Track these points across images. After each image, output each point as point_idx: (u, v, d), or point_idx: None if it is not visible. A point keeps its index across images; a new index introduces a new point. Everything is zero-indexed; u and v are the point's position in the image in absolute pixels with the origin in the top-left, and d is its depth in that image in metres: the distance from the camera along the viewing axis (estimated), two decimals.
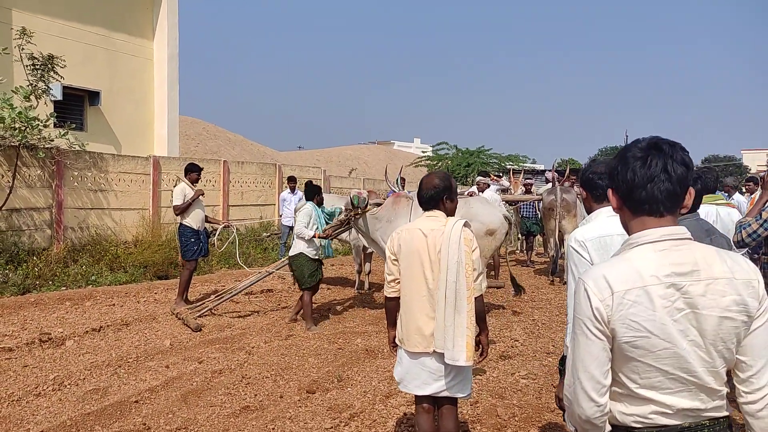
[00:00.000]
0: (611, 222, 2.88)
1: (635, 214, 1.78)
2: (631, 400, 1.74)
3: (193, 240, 8.12)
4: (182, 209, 8.08)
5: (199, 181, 8.66)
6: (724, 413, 1.75)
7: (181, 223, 8.20)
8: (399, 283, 3.39)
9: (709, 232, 3.43)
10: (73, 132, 10.66)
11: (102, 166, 11.28)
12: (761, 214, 4.43)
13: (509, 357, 6.40)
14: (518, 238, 14.83)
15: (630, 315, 1.66)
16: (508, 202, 11.75)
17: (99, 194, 11.22)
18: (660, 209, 1.74)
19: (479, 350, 3.44)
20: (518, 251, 15.42)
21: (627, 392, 1.74)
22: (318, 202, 7.73)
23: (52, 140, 10.11)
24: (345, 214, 7.61)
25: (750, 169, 54.12)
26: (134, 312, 8.04)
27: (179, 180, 8.43)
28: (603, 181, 2.98)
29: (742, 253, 4.77)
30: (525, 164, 30.05)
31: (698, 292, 1.66)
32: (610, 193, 1.86)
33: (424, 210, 3.42)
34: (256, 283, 8.54)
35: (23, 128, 9.41)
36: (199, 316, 7.66)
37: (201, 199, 8.32)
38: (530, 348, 6.78)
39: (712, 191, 5.09)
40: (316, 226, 7.46)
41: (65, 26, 13.21)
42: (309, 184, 7.96)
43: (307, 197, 7.75)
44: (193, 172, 8.34)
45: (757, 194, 5.43)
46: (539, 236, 14.21)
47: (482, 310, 3.38)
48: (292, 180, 12.85)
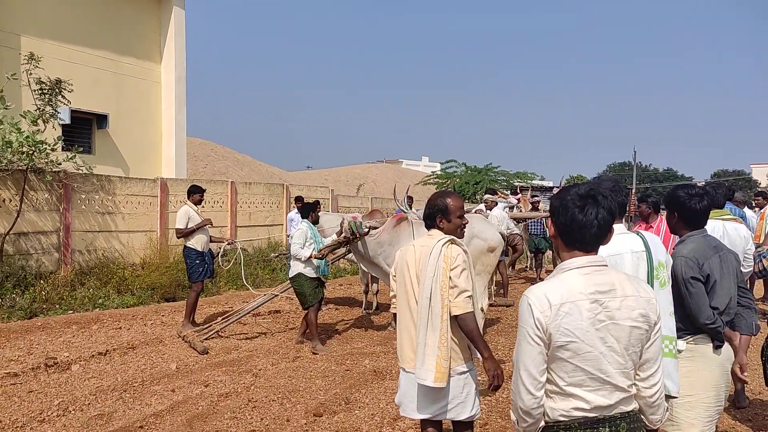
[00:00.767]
0: (621, 240, 2.90)
1: (568, 248, 2.23)
2: (559, 396, 2.15)
3: (197, 262, 8.09)
4: (185, 234, 8.05)
5: (206, 203, 8.66)
6: (632, 407, 2.17)
7: (185, 246, 8.18)
8: None
9: (717, 249, 3.37)
10: (81, 155, 10.70)
11: (109, 188, 11.30)
12: None
13: None
14: (527, 256, 14.72)
15: (563, 323, 2.08)
16: (517, 220, 11.67)
17: (107, 217, 11.23)
18: (587, 248, 2.21)
19: (490, 383, 3.17)
20: (528, 269, 15.31)
21: (557, 390, 2.14)
22: (313, 221, 7.72)
23: (60, 164, 10.14)
24: (343, 237, 7.48)
25: (760, 184, 53.74)
26: (141, 335, 7.99)
27: (183, 202, 8.39)
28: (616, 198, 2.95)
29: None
30: (533, 181, 29.93)
31: (615, 306, 2.10)
32: (550, 221, 2.29)
33: (426, 228, 3.46)
34: (264, 304, 8.48)
35: (31, 152, 9.44)
36: (205, 339, 7.60)
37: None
38: None
39: (720, 206, 5.01)
40: (313, 246, 7.39)
41: (73, 51, 13.33)
42: (299, 200, 7.99)
43: (303, 215, 7.75)
44: (195, 193, 8.32)
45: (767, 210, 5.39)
46: (548, 253, 14.10)
47: (472, 330, 3.17)
48: (299, 200, 12.83)
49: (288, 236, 13.38)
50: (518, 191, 16.07)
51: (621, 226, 2.99)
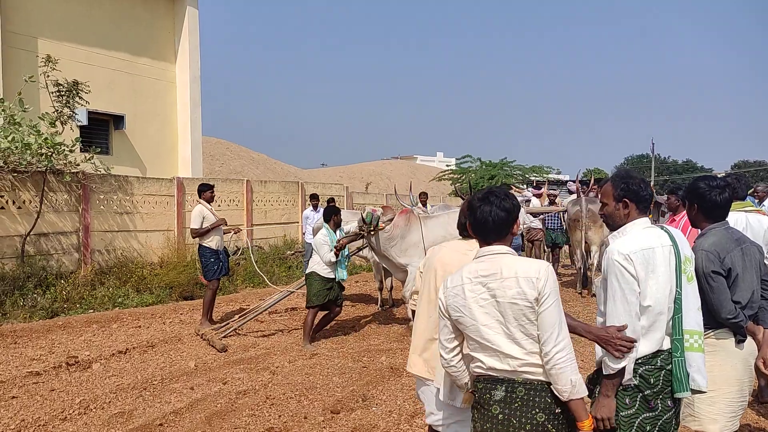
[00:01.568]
0: (649, 234, 2.88)
1: (480, 241, 2.67)
2: (470, 358, 2.62)
3: (212, 260, 8.12)
4: (200, 234, 8.10)
5: (222, 201, 8.70)
6: (538, 378, 2.45)
7: (200, 245, 8.22)
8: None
9: (740, 242, 3.32)
10: (99, 156, 10.82)
11: (127, 188, 11.41)
12: None
13: None
14: (544, 251, 14.67)
15: (453, 302, 2.59)
16: (533, 214, 11.61)
17: (125, 217, 11.34)
18: (488, 239, 2.63)
19: None
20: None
21: (468, 353, 2.63)
22: (336, 224, 7.68)
23: (78, 165, 10.25)
24: (357, 229, 7.61)
25: None
26: (160, 333, 8.06)
27: (197, 201, 8.41)
28: (648, 192, 2.92)
29: None
30: (549, 175, 29.74)
31: (496, 287, 2.49)
32: (468, 224, 2.77)
33: (461, 236, 3.40)
34: (280, 301, 8.51)
35: (49, 154, 9.56)
36: (223, 337, 7.65)
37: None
38: None
39: (741, 198, 4.95)
40: (332, 250, 7.39)
41: (89, 52, 13.46)
42: (314, 197, 7.98)
43: (325, 219, 7.73)
44: (207, 191, 8.35)
45: None
46: (565, 248, 14.02)
47: None
48: (314, 198, 12.87)
49: (303, 234, 13.44)
50: (540, 186, 15.95)
51: (646, 220, 2.94)
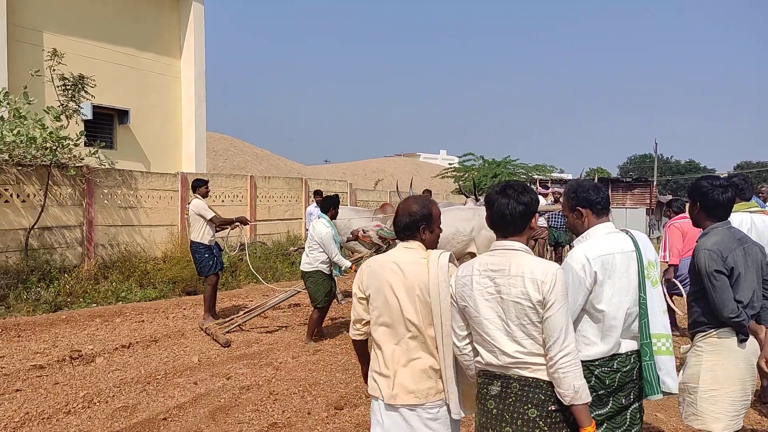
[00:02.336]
0: (611, 239, 2.95)
1: (497, 235, 2.66)
2: (476, 351, 2.64)
3: (207, 256, 8.09)
4: (224, 221, 8.17)
5: (225, 197, 8.69)
6: (533, 375, 2.47)
7: (193, 241, 8.13)
8: (367, 324, 2.93)
9: (742, 241, 3.33)
10: (103, 150, 10.83)
11: (131, 183, 11.43)
12: None
13: None
14: (547, 249, 14.67)
15: (461, 291, 2.61)
16: (538, 213, 11.62)
17: (129, 211, 11.36)
18: (505, 234, 2.63)
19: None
20: None
21: (476, 347, 2.63)
22: (332, 216, 7.47)
23: (83, 159, 10.27)
24: (375, 245, 7.55)
25: None
26: (163, 328, 8.08)
27: (193, 197, 8.33)
28: (599, 196, 3.00)
29: None
30: (553, 174, 29.74)
31: (503, 283, 2.49)
32: (486, 217, 2.73)
33: (400, 240, 2.96)
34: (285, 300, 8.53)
35: (54, 148, 9.57)
36: (227, 332, 7.67)
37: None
38: None
39: (747, 199, 4.95)
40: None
41: (95, 47, 13.47)
42: (318, 193, 7.85)
43: (323, 209, 7.48)
44: (202, 186, 8.32)
45: None
46: (568, 247, 14.02)
47: None
48: (318, 194, 12.86)
49: (307, 230, 13.46)
50: (548, 186, 15.97)
51: (610, 225, 3.02)
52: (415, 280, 2.74)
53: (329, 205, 7.49)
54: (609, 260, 2.87)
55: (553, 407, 2.45)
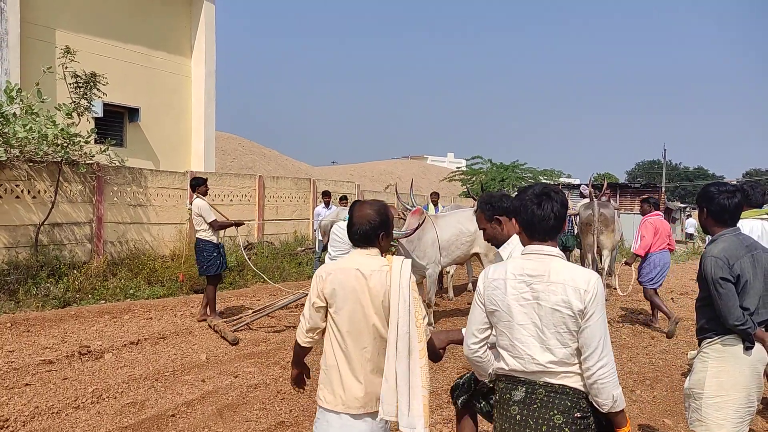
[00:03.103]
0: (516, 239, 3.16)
1: (529, 239, 2.61)
2: (499, 357, 2.60)
3: (215, 255, 8.11)
4: (222, 225, 8.18)
5: (234, 196, 8.71)
6: (560, 382, 2.44)
7: (200, 239, 8.13)
8: (319, 333, 2.88)
9: (750, 248, 3.33)
10: (113, 148, 10.91)
11: (141, 181, 11.49)
12: None
13: None
14: None
15: (492, 294, 2.57)
16: None
17: (138, 209, 11.43)
18: (544, 237, 2.57)
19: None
20: None
21: (498, 350, 2.60)
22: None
23: (93, 156, 10.34)
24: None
25: None
26: (171, 325, 8.12)
27: (194, 196, 8.32)
28: (511, 203, 3.12)
29: None
30: (560, 178, 29.71)
31: (540, 289, 2.45)
32: (514, 221, 2.68)
33: (355, 246, 2.88)
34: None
35: (65, 144, 9.65)
36: (235, 330, 7.71)
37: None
38: None
39: (757, 205, 4.95)
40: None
41: (107, 45, 13.56)
42: (326, 194, 7.74)
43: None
44: (202, 185, 8.31)
45: None
46: (575, 251, 13.99)
47: (433, 350, 3.00)
48: (326, 195, 12.90)
49: (314, 231, 13.49)
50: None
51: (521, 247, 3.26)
52: (380, 288, 2.70)
53: None
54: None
55: (578, 414, 2.44)
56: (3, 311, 8.19)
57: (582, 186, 17.48)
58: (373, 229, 2.79)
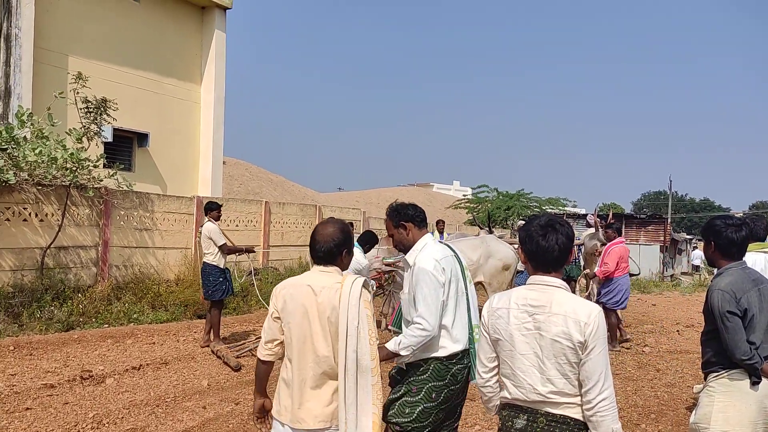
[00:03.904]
0: (439, 246, 3.46)
1: (534, 269, 2.61)
2: (504, 386, 2.62)
3: (221, 279, 8.12)
4: (233, 250, 8.21)
5: (239, 222, 8.74)
6: (561, 412, 2.45)
7: (207, 263, 8.15)
8: (279, 345, 2.90)
9: (757, 282, 3.33)
10: (122, 172, 10.99)
11: (148, 205, 11.56)
12: None
13: None
14: None
15: (495, 323, 2.59)
16: None
17: (144, 233, 11.47)
18: (548, 269, 2.58)
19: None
20: None
21: (502, 378, 2.62)
22: (365, 251, 7.28)
23: (101, 180, 10.42)
24: (386, 273, 7.69)
25: None
26: (173, 351, 8.10)
27: (206, 220, 8.39)
28: (416, 211, 3.55)
29: None
30: (566, 208, 29.70)
31: (542, 320, 2.46)
32: (519, 250, 2.74)
33: (316, 264, 2.93)
34: None
35: (74, 168, 9.73)
36: (238, 356, 7.67)
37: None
38: None
39: (761, 239, 4.95)
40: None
41: (118, 71, 13.75)
42: (364, 230, 7.89)
43: (359, 242, 7.24)
44: (215, 210, 8.39)
45: None
46: (580, 281, 13.93)
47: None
48: None
49: None
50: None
51: (429, 235, 3.52)
52: (328, 304, 2.74)
53: (365, 242, 7.46)
54: (449, 261, 3.40)
55: None
56: (6, 334, 8.19)
57: (588, 215, 17.48)
58: (336, 246, 2.88)
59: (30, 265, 9.57)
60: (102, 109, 10.65)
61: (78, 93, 10.45)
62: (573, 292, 12.36)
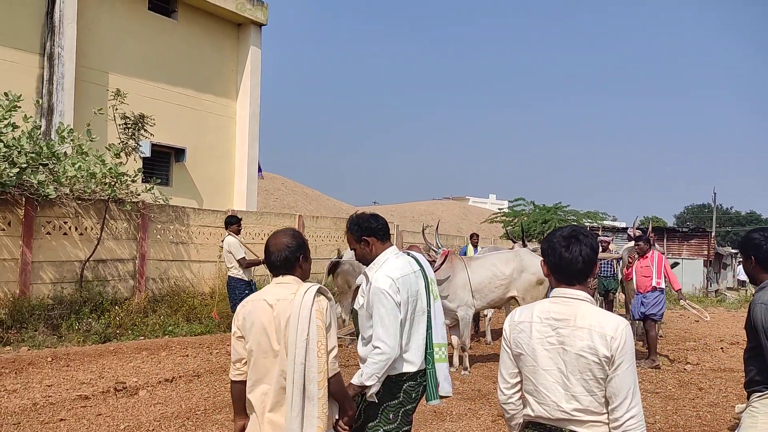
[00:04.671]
0: (403, 261, 3.29)
1: (557, 282, 2.52)
2: (527, 403, 2.51)
3: (246, 292, 8.16)
4: (252, 263, 8.23)
5: (268, 234, 8.77)
6: (586, 431, 2.34)
7: (232, 277, 8.23)
8: (246, 364, 2.83)
9: None
10: (159, 186, 11.19)
11: (184, 219, 11.72)
12: None
13: None
14: (597, 298, 14.30)
15: (517, 337, 2.48)
16: None
17: (180, 246, 11.63)
18: (572, 281, 2.47)
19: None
20: None
21: (524, 396, 2.52)
22: None
23: (139, 194, 10.61)
24: None
25: None
26: (206, 363, 8.15)
27: (227, 234, 8.46)
28: (379, 223, 3.37)
29: None
30: (605, 221, 29.15)
31: (566, 334, 2.36)
32: (542, 262, 2.61)
33: (275, 276, 2.89)
34: None
35: (113, 183, 9.94)
36: None
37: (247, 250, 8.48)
38: None
39: None
40: None
41: (157, 88, 14.05)
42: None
43: None
44: (235, 224, 8.45)
45: None
46: (621, 296, 13.62)
47: (340, 390, 2.84)
48: None
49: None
50: (599, 232, 15.71)
51: (393, 248, 3.36)
52: (283, 316, 2.70)
53: None
54: (410, 279, 3.24)
55: None
56: (45, 345, 8.36)
57: (629, 228, 17.15)
58: (292, 252, 2.85)
59: (69, 278, 9.77)
60: (140, 124, 10.87)
61: (117, 109, 10.69)
62: (612, 306, 12.12)
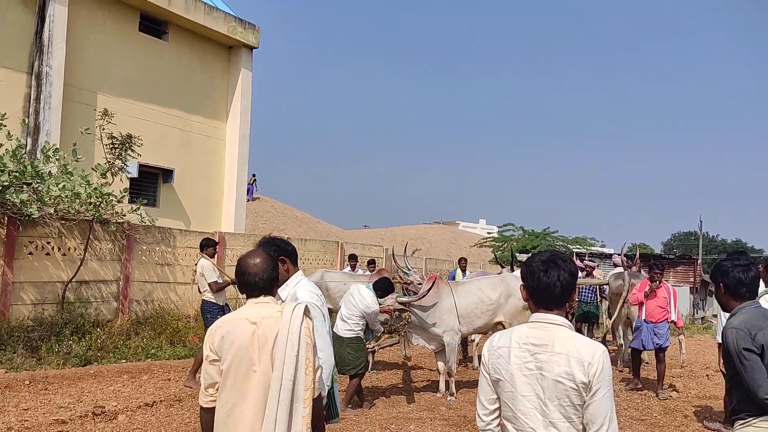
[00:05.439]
0: (310, 283, 3.53)
1: (536, 306, 2.50)
2: (504, 430, 2.47)
3: (219, 316, 8.04)
4: (222, 287, 8.13)
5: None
6: None
7: (205, 300, 8.13)
8: (219, 389, 2.71)
9: None
10: (145, 207, 11.11)
11: (170, 240, 11.63)
12: None
13: None
14: (574, 324, 14.20)
15: (495, 363, 2.45)
16: None
17: (165, 268, 11.52)
18: (551, 306, 2.46)
19: None
20: None
21: (503, 421, 2.48)
22: (378, 297, 7.25)
23: (125, 215, 10.53)
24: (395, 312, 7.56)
25: None
26: (188, 388, 8.01)
27: (200, 257, 8.38)
28: (292, 246, 3.61)
29: None
30: (593, 247, 29.25)
31: (544, 360, 2.34)
32: (521, 286, 2.59)
33: (253, 297, 2.82)
34: None
35: (98, 203, 9.86)
36: None
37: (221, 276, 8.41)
38: None
39: None
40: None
41: (146, 108, 14.05)
42: (353, 258, 8.06)
43: (374, 286, 7.36)
44: (210, 246, 8.39)
45: None
46: (607, 322, 13.56)
47: (319, 412, 2.85)
48: (353, 258, 12.87)
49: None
50: (583, 258, 15.73)
51: (300, 272, 3.58)
52: (269, 333, 2.64)
53: (379, 288, 7.38)
54: (321, 298, 3.52)
55: None
56: (24, 368, 8.21)
57: (614, 255, 17.19)
58: (273, 271, 2.86)
59: (51, 299, 9.63)
60: (127, 145, 10.84)
61: (104, 129, 10.64)
62: (592, 335, 12.12)
